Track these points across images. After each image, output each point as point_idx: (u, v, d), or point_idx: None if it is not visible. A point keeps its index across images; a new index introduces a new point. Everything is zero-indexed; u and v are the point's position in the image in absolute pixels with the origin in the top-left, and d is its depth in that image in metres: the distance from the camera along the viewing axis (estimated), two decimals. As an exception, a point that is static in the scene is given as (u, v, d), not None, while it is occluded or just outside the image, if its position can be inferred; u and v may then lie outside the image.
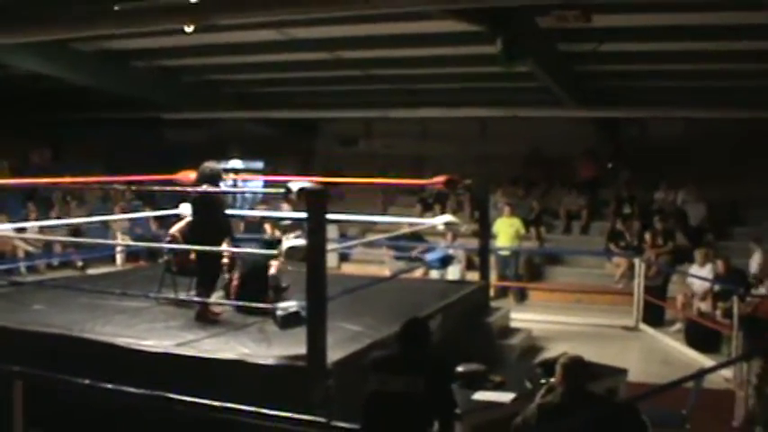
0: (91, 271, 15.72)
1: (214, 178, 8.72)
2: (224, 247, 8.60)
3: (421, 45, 13.52)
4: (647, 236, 15.08)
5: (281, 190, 7.36)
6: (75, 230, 16.39)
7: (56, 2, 10.92)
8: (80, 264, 16.78)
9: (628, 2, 10.34)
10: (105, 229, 17.54)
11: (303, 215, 7.16)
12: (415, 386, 5.12)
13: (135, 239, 17.04)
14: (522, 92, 16.59)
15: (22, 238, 15.52)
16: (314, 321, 6.86)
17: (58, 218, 16.33)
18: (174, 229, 9.70)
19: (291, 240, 7.69)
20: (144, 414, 6.58)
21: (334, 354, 7.02)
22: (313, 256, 6.91)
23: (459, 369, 7.17)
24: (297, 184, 7.12)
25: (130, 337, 7.71)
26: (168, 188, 10.57)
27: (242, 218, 14.71)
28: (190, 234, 8.83)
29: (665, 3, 10.09)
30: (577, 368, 5.25)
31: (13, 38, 12.16)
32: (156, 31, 12.24)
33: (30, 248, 16.52)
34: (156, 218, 16.72)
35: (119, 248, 16.88)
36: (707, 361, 10.56)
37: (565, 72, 14.57)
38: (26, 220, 15.91)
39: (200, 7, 9.73)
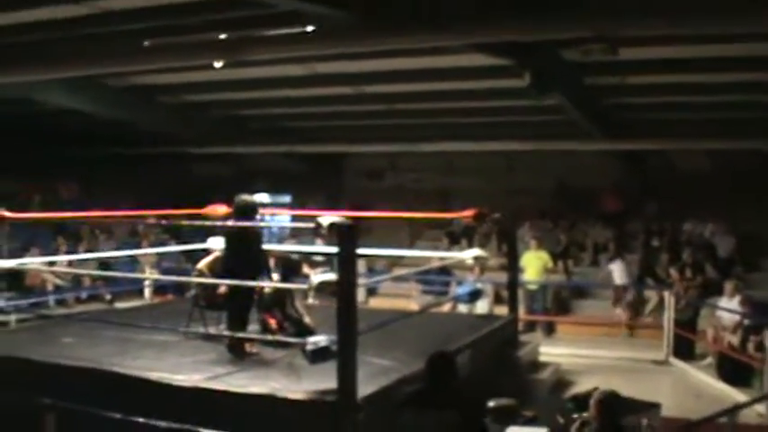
0: (119, 305, 15.76)
1: (251, 211, 8.71)
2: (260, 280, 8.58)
3: (447, 79, 13.58)
4: (674, 269, 15.02)
5: (311, 225, 7.36)
6: (104, 264, 16.48)
7: (86, 39, 11.05)
8: (108, 297, 16.87)
9: (653, 34, 10.33)
10: (133, 263, 17.66)
11: (333, 250, 7.15)
12: (449, 421, 5.10)
13: (163, 274, 17.11)
14: (548, 125, 16.58)
15: (51, 272, 15.61)
16: (344, 356, 6.82)
17: (87, 252, 16.43)
18: (202, 263, 9.69)
19: (321, 275, 7.66)
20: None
21: (364, 388, 6.95)
22: (343, 290, 6.89)
23: (491, 404, 7.12)
24: (327, 218, 7.11)
25: (160, 370, 7.68)
26: (198, 222, 10.60)
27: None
28: (222, 268, 8.80)
29: (691, 35, 10.07)
30: (612, 403, 5.22)
31: (44, 74, 12.34)
32: (184, 67, 12.33)
33: (59, 282, 16.65)
34: (184, 252, 16.80)
35: (147, 282, 16.96)
36: (739, 395, 10.44)
37: (591, 105, 14.55)
38: (55, 253, 16.04)
39: (229, 43, 9.83)
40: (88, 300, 16.98)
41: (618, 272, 16.28)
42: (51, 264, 14.43)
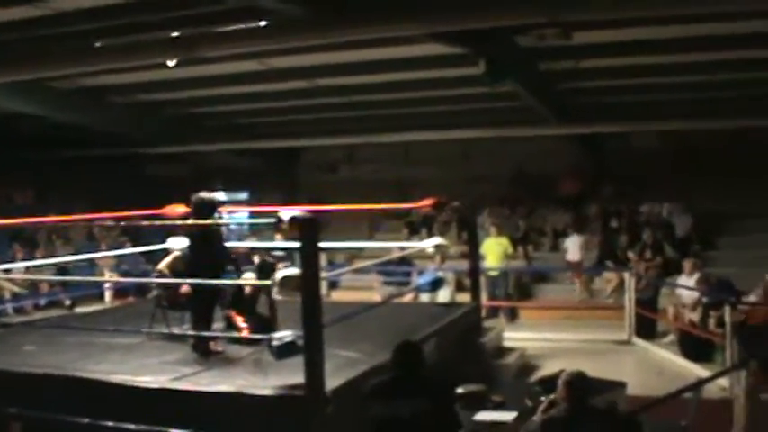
0: (79, 309, 15.61)
1: (209, 209, 8.61)
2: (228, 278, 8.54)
3: (401, 69, 13.55)
4: (633, 252, 15.18)
5: (272, 220, 7.32)
6: (62, 269, 16.27)
7: (35, 41, 10.88)
8: (68, 303, 16.68)
9: (605, 18, 10.39)
10: (92, 266, 17.45)
11: (295, 245, 7.13)
12: (421, 409, 5.10)
13: (122, 276, 16.93)
14: (504, 112, 16.64)
15: (8, 279, 15.40)
16: (311, 350, 6.81)
17: (44, 257, 16.20)
18: (162, 264, 9.63)
19: (284, 270, 7.64)
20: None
21: (331, 381, 6.96)
22: (307, 284, 6.87)
23: (459, 390, 7.16)
24: (287, 213, 7.08)
25: (125, 373, 7.60)
26: (159, 222, 10.50)
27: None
28: (187, 267, 8.73)
29: (644, 17, 10.14)
30: (580, 383, 5.25)
31: (-6, 78, 12.14)
32: (135, 66, 12.17)
33: (16, 289, 16.43)
34: (144, 253, 16.61)
35: (107, 285, 16.78)
36: (701, 371, 10.55)
37: (546, 90, 14.63)
38: (12, 260, 15.77)
39: (183, 40, 9.74)
40: (47, 306, 16.78)
41: (572, 247, 16.57)
42: (7, 271, 14.22)
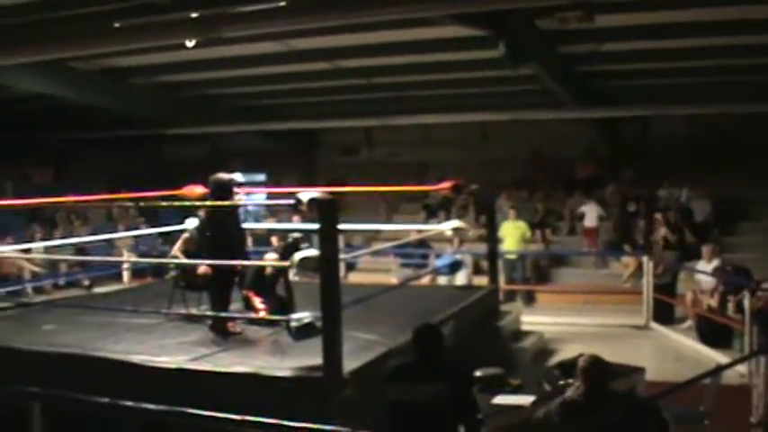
0: (97, 289, 15.66)
1: (227, 189, 8.55)
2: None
3: (421, 51, 13.52)
4: (660, 216, 14.98)
5: (290, 201, 7.30)
6: (81, 249, 16.34)
7: (55, 22, 10.87)
8: (87, 282, 16.75)
9: (627, 0, 10.33)
10: (110, 247, 17.52)
11: (314, 226, 7.12)
12: (439, 394, 5.08)
13: (140, 256, 16.98)
14: (523, 95, 16.57)
15: (27, 259, 15.46)
16: (329, 331, 6.80)
17: (63, 237, 16.27)
18: (175, 248, 9.69)
19: (303, 251, 7.63)
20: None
21: (349, 363, 6.95)
22: (326, 266, 6.86)
23: (478, 374, 7.15)
24: (307, 194, 7.05)
25: (143, 353, 7.63)
26: (177, 203, 10.49)
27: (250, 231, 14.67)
28: (205, 248, 8.70)
29: (665, 0, 10.08)
30: (598, 368, 5.23)
31: (14, 58, 12.14)
32: (154, 47, 12.17)
33: (35, 269, 16.51)
34: (161, 234, 16.65)
35: (125, 266, 16.84)
36: (719, 357, 10.52)
37: (566, 73, 14.57)
38: (31, 240, 15.85)
39: (202, 21, 9.70)
40: (66, 286, 16.83)
41: (590, 213, 16.85)
42: (27, 251, 14.28)
